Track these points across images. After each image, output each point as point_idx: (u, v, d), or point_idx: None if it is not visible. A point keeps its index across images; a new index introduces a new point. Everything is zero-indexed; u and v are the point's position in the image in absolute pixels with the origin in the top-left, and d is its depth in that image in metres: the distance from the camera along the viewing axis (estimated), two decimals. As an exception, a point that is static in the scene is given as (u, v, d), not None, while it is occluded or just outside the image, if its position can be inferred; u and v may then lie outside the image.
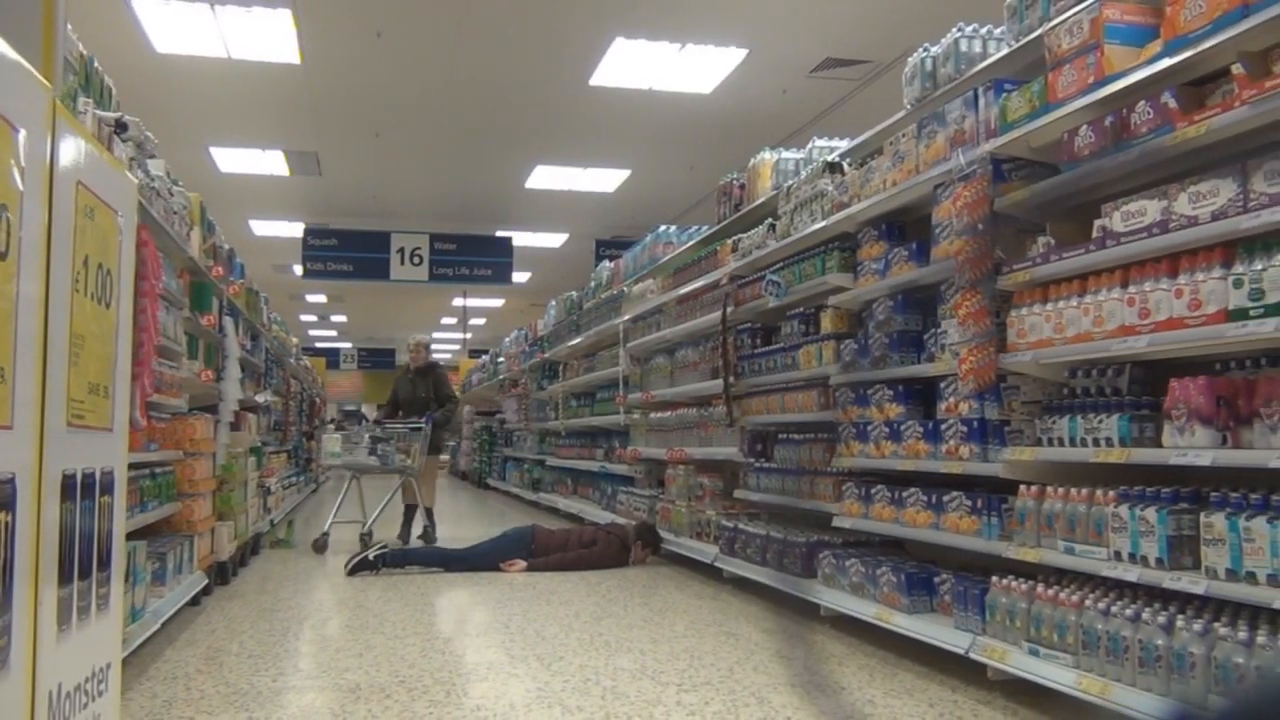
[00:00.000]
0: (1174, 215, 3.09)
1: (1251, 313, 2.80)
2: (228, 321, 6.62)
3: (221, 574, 6.23)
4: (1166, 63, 3.14)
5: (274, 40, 8.35)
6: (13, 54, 1.46)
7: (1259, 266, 2.79)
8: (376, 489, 8.97)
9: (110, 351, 2.00)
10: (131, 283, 2.20)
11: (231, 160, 11.99)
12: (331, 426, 17.45)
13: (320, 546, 8.04)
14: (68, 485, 1.75)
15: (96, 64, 4.00)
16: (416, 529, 8.97)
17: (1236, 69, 2.92)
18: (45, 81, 1.60)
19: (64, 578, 1.74)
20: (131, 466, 4.27)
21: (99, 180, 1.88)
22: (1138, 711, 2.92)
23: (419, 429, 8.74)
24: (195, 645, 4.58)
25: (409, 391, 9.28)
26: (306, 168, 12.37)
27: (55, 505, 1.70)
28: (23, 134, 1.47)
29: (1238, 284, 2.85)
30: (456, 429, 26.64)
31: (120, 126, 4.09)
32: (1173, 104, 3.11)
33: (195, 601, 5.41)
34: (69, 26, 3.57)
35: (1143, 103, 3.23)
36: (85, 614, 1.88)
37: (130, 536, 4.23)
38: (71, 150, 1.73)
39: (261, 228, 15.60)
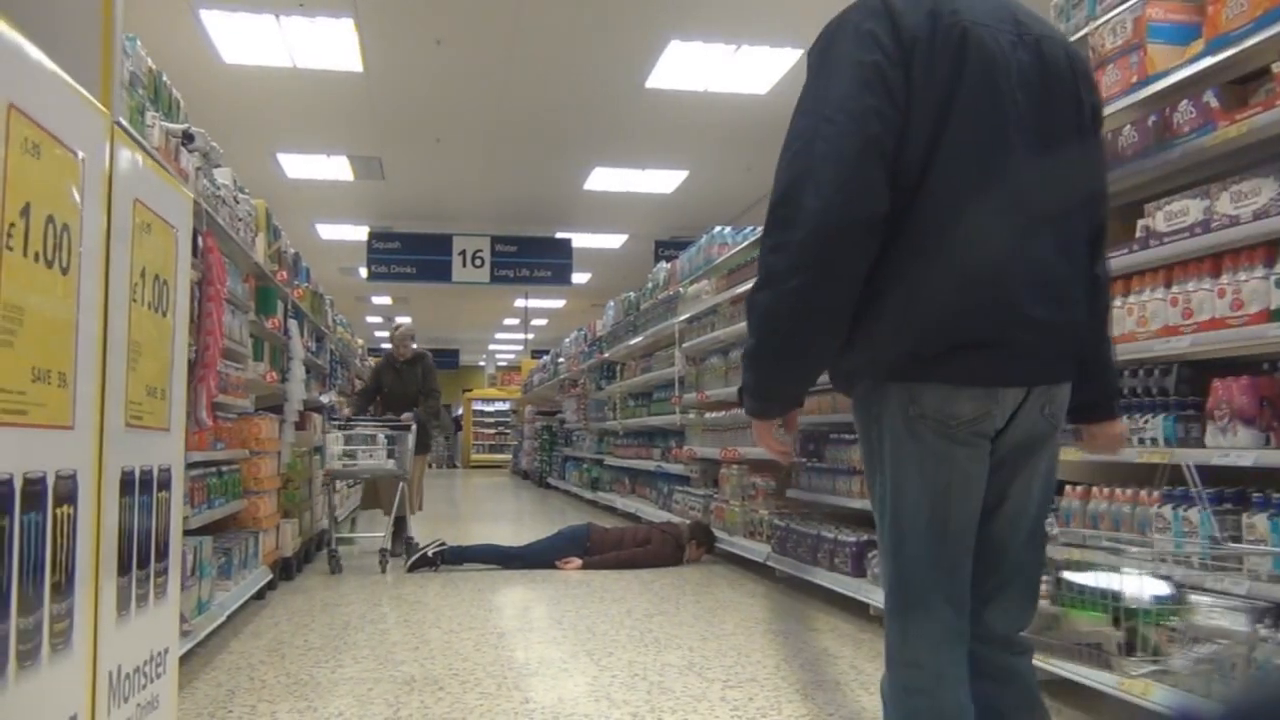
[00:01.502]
0: (1216, 215, 3.07)
1: (1293, 313, 2.78)
2: (292, 324, 6.82)
3: (286, 569, 6.41)
4: (1208, 61, 3.12)
5: (337, 49, 8.57)
6: (73, 83, 1.58)
7: (1300, 266, 2.77)
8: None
9: (167, 356, 2.14)
10: (188, 291, 2.32)
11: (298, 166, 12.29)
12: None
13: (336, 566, 6.92)
14: (126, 481, 1.88)
15: (165, 78, 4.17)
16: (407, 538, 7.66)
17: (1277, 67, 2.89)
18: (103, 108, 1.72)
19: (123, 567, 1.88)
20: (198, 465, 4.45)
21: (155, 196, 2.01)
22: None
23: (407, 428, 7.58)
24: (260, 637, 4.75)
25: (396, 384, 8.28)
26: (370, 172, 12.63)
27: (115, 500, 1.83)
28: (82, 157, 1.60)
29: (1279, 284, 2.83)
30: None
31: (187, 138, 4.26)
32: (1214, 103, 3.09)
33: (260, 596, 5.59)
34: (139, 43, 3.75)
35: (1185, 102, 3.21)
36: (144, 601, 2.01)
37: (197, 532, 4.41)
38: (128, 170, 1.86)
39: (327, 231, 15.94)
